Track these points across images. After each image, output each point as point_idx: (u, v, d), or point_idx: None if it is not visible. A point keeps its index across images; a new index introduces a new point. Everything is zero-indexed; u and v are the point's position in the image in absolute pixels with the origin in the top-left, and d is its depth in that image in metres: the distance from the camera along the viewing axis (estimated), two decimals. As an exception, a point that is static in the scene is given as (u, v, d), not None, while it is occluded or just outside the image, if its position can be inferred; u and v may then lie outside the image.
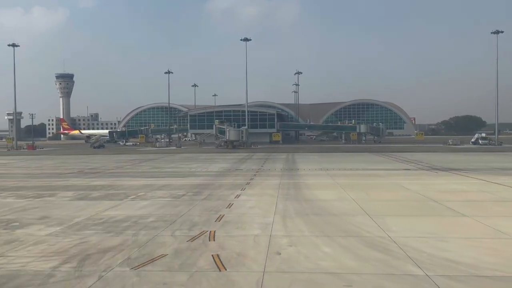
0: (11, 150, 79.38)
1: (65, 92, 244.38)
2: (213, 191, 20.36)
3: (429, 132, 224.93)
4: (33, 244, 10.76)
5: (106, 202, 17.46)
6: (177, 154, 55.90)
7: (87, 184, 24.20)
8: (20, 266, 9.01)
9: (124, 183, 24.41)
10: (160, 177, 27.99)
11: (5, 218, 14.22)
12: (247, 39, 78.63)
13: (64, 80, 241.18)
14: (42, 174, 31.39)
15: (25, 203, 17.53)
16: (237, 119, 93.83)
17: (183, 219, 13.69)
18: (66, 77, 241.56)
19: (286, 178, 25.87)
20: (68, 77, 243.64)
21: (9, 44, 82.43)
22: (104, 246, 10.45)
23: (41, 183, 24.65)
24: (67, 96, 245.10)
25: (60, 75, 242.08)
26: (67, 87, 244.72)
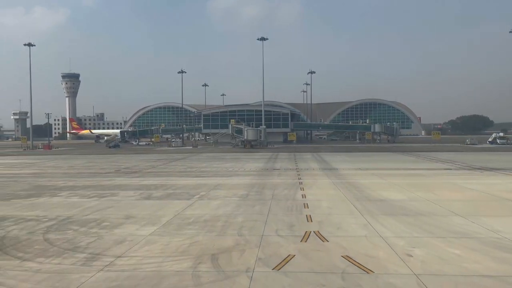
0: (27, 150, 79.30)
1: (71, 92, 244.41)
2: (273, 191, 20.19)
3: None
4: (146, 244, 10.66)
5: (176, 201, 17.33)
6: (199, 154, 55.71)
7: (139, 183, 24.07)
8: (155, 266, 8.92)
9: (175, 182, 24.26)
10: (205, 176, 27.82)
11: (91, 218, 14.11)
12: (264, 39, 78.48)
13: (70, 79, 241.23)
14: (81, 173, 31.25)
15: (94, 202, 17.42)
16: (250, 118, 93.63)
17: (272, 219, 13.54)
18: (72, 77, 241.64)
19: (334, 178, 25.69)
20: (74, 76, 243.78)
21: (25, 43, 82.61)
22: (222, 246, 10.33)
23: (90, 183, 24.54)
24: (73, 96, 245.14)
25: (66, 74, 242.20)
26: (73, 86, 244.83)
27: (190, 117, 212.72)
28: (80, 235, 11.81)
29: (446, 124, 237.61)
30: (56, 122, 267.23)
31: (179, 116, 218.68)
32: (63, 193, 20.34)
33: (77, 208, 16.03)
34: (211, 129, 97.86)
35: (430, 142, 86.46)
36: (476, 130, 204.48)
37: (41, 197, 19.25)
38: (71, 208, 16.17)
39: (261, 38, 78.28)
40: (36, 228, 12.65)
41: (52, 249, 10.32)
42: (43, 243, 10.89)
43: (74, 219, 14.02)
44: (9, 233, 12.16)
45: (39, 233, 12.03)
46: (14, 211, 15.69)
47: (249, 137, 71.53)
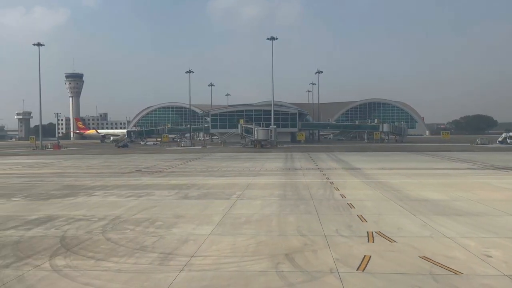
0: (36, 150, 79.22)
1: (75, 92, 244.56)
2: (308, 190, 20.05)
3: (441, 132, 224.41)
4: (213, 244, 10.58)
5: (217, 201, 17.24)
6: (212, 154, 55.60)
7: (167, 183, 23.95)
8: (235, 266, 8.82)
9: (205, 182, 24.14)
10: (230, 176, 27.70)
11: (141, 217, 14.03)
12: (274, 38, 78.36)
13: (74, 80, 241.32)
14: (103, 173, 31.10)
15: (134, 202, 17.34)
16: (258, 118, 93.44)
17: (324, 218, 13.41)
18: (76, 77, 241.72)
19: (362, 177, 25.56)
20: (78, 76, 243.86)
21: (34, 43, 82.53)
22: (290, 246, 10.24)
23: (119, 182, 24.45)
24: (76, 96, 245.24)
25: (70, 74, 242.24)
26: (76, 86, 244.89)
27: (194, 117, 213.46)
28: (140, 234, 11.72)
29: (450, 124, 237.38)
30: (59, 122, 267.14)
31: (182, 116, 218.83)
32: (97, 193, 20.25)
33: (120, 208, 15.94)
34: (219, 129, 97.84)
35: (438, 142, 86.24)
36: (480, 130, 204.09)
37: (78, 196, 19.17)
38: (115, 207, 16.08)
39: (270, 38, 78.17)
40: (92, 228, 12.57)
41: (120, 249, 10.24)
42: (108, 243, 10.81)
43: (124, 218, 13.93)
44: (66, 232, 12.08)
45: (97, 233, 11.95)
46: (58, 210, 15.60)
47: (260, 136, 71.44)
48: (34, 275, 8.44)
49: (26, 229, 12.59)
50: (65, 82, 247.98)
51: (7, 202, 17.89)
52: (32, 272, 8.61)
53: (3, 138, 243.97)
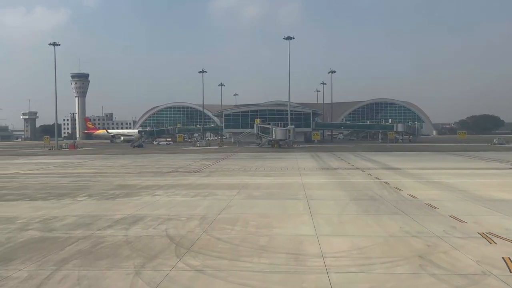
0: (52, 150, 79.15)
1: (80, 92, 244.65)
2: (371, 191, 19.77)
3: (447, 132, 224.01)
4: (332, 244, 10.39)
5: (290, 201, 17.03)
6: (236, 153, 55.42)
7: (218, 182, 23.77)
8: (387, 267, 8.63)
9: (255, 181, 23.84)
10: (275, 175, 27.44)
11: (228, 217, 13.81)
12: (290, 38, 78.15)
13: (79, 79, 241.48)
14: (143, 173, 30.90)
15: (205, 201, 17.13)
16: (272, 118, 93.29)
17: (419, 219, 13.18)
18: (82, 77, 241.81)
19: (413, 177, 25.26)
20: (84, 76, 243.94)
21: (50, 43, 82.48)
22: (416, 248, 10.04)
23: (169, 182, 24.26)
24: (82, 95, 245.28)
25: (76, 74, 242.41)
26: (82, 86, 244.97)
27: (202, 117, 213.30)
28: (246, 234, 11.51)
29: (457, 124, 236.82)
30: (65, 122, 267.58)
31: (189, 116, 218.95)
32: (158, 192, 20.06)
33: (198, 207, 15.76)
34: (232, 129, 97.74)
35: (454, 142, 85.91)
36: (487, 130, 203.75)
37: (142, 196, 19.00)
38: (191, 207, 15.90)
39: (287, 37, 77.96)
40: (190, 227, 12.38)
41: (241, 249, 10.04)
42: (222, 243, 10.60)
43: (212, 218, 13.72)
44: (168, 232, 11.90)
45: (198, 232, 11.75)
46: (137, 210, 15.40)
47: (278, 136, 71.27)
48: (180, 275, 8.27)
49: (123, 228, 12.42)
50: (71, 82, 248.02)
51: (76, 201, 17.71)
52: (176, 273, 8.43)
53: (8, 138, 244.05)
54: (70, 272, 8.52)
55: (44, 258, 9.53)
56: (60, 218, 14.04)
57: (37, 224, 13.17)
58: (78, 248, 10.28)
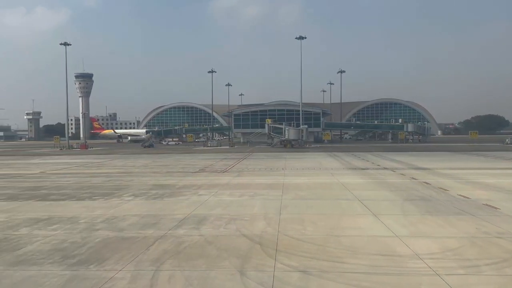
0: (64, 150, 79.04)
1: (84, 92, 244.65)
2: (418, 191, 19.65)
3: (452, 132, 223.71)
4: (430, 245, 10.23)
5: (344, 202, 16.83)
6: (254, 154, 55.19)
7: (254, 182, 23.51)
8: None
9: (291, 181, 23.63)
10: (308, 175, 27.19)
11: (290, 217, 13.61)
12: (302, 37, 78.00)
13: (84, 79, 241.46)
14: (170, 172, 30.68)
15: (256, 201, 16.90)
16: (281, 118, 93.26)
17: (492, 220, 13.03)
18: (86, 77, 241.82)
19: (449, 178, 24.96)
20: (88, 76, 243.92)
21: (61, 43, 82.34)
22: (509, 249, 9.89)
23: (203, 181, 24.07)
24: (86, 95, 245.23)
25: (80, 74, 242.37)
26: (86, 86, 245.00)
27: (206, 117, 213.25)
28: (325, 235, 11.32)
29: (461, 124, 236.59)
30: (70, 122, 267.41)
31: (193, 116, 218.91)
32: (201, 192, 19.87)
33: (252, 207, 15.60)
34: (242, 129, 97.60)
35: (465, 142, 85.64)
36: (491, 130, 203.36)
37: (188, 195, 18.84)
38: (246, 207, 15.72)
39: (299, 37, 77.85)
40: (260, 227, 12.21)
41: (332, 250, 9.88)
42: (307, 244, 10.42)
43: (275, 218, 13.55)
44: (241, 231, 11.75)
45: (273, 232, 11.57)
46: (192, 209, 15.19)
47: (291, 136, 71.09)
48: (288, 276, 8.10)
49: (193, 228, 12.25)
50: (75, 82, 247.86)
51: (125, 201, 17.52)
52: (282, 274, 8.25)
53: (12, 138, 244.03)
54: (173, 272, 8.37)
55: (136, 258, 9.38)
56: (121, 218, 13.88)
57: (103, 224, 13.02)
58: (163, 248, 10.12)
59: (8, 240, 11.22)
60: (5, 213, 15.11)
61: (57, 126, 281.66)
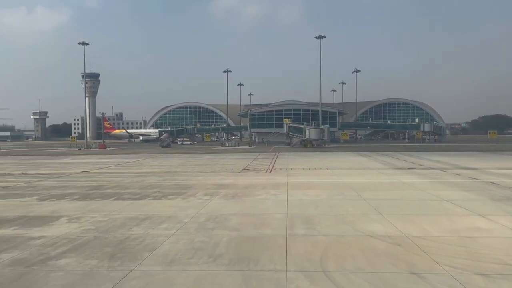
0: (82, 149, 78.90)
1: (91, 92, 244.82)
2: (489, 191, 19.44)
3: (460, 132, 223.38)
4: None
5: (433, 202, 16.64)
6: (281, 153, 55.01)
7: (316, 182, 23.29)
8: None
9: (352, 181, 23.47)
10: (360, 175, 27.00)
11: (406, 219, 13.40)
12: (322, 36, 77.79)
13: (90, 79, 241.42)
14: (216, 172, 30.47)
15: (348, 202, 16.67)
16: (297, 118, 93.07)
17: None
18: (92, 77, 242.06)
19: (509, 178, 24.86)
20: (94, 76, 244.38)
21: (79, 42, 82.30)
22: None
23: (262, 181, 23.77)
24: (93, 95, 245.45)
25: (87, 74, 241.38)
26: (93, 86, 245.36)
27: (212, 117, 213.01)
28: (453, 236, 11.10)
29: (469, 123, 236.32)
30: (76, 122, 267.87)
31: (200, 116, 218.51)
32: (273, 192, 19.53)
33: (349, 206, 15.35)
34: (258, 129, 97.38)
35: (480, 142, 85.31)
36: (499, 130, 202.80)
37: (262, 194, 18.55)
38: (341, 207, 15.43)
39: (318, 36, 77.63)
40: (383, 228, 11.99)
41: (483, 252, 9.66)
42: (447, 245, 10.20)
43: (380, 218, 13.32)
44: (363, 230, 11.53)
45: (406, 233, 11.29)
46: (288, 209, 14.97)
47: (312, 136, 70.88)
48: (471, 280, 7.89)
49: (310, 228, 11.99)
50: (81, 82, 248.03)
51: (206, 201, 17.22)
52: (456, 277, 8.05)
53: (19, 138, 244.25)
54: (351, 275, 8.12)
55: (289, 257, 9.16)
56: (225, 217, 13.62)
57: (212, 224, 12.77)
58: (307, 249, 9.86)
59: (133, 240, 10.97)
60: (97, 212, 14.88)
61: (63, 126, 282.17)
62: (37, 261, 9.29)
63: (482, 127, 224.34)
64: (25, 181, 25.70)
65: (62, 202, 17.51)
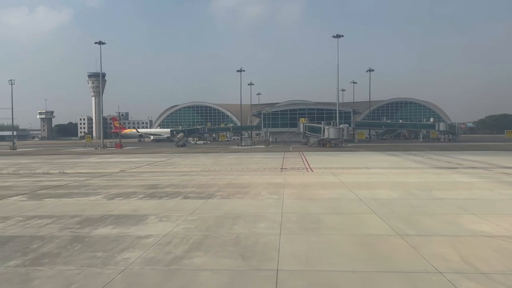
0: (98, 149, 78.81)
1: (97, 91, 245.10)
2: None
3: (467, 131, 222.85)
4: None
5: (509, 199, 16.47)
6: (306, 153, 54.85)
7: (376, 181, 23.15)
8: None
9: (404, 180, 23.31)
10: (405, 174, 26.85)
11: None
12: (339, 35, 77.46)
13: (96, 79, 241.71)
14: (255, 170, 30.26)
15: (416, 201, 16.53)
16: (311, 117, 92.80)
17: None
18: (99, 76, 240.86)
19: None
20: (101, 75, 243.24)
21: (96, 42, 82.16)
22: None
23: (313, 180, 23.71)
24: (99, 95, 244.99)
25: (93, 74, 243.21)
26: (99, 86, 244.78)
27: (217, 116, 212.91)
28: None
29: (476, 123, 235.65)
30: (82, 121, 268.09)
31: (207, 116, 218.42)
32: (337, 191, 19.47)
33: (426, 204, 15.18)
34: (272, 128, 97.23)
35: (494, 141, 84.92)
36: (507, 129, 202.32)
37: (325, 195, 18.44)
38: (416, 208, 15.26)
39: (336, 35, 77.32)
40: (471, 227, 11.83)
41: None
42: None
43: (483, 217, 13.17)
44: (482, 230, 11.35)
45: None
46: (374, 209, 14.85)
47: (331, 135, 70.60)
48: None
49: (416, 229, 11.85)
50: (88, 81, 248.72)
51: (277, 200, 17.11)
52: None
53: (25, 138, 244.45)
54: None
55: (427, 257, 8.99)
56: (317, 217, 13.43)
57: (311, 223, 12.56)
58: (438, 250, 9.66)
59: (246, 238, 10.75)
60: (180, 211, 14.66)
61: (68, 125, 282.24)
62: (170, 260, 9.11)
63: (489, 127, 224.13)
64: (71, 180, 25.56)
65: (133, 201, 17.32)
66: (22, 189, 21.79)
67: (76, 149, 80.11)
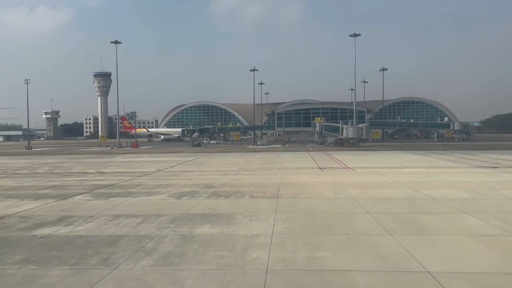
0: (114, 148, 78.73)
1: (103, 91, 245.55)
2: None
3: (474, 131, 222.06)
4: None
5: None
6: (326, 152, 54.71)
7: (434, 180, 22.97)
8: None
9: (456, 180, 23.17)
10: (453, 174, 26.70)
11: None
12: (356, 35, 77.26)
13: (102, 78, 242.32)
14: (293, 168, 30.16)
15: (492, 201, 16.35)
16: (326, 116, 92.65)
17: None
18: (104, 76, 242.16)
19: None
20: (106, 75, 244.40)
21: (111, 41, 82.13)
22: None
23: (364, 180, 23.56)
24: (105, 94, 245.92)
25: (99, 73, 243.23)
26: (105, 85, 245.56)
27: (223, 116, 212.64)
28: None
29: (483, 122, 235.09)
30: (88, 121, 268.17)
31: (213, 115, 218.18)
32: (402, 192, 19.28)
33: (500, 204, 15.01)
34: (285, 127, 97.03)
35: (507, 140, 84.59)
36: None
37: (392, 194, 18.25)
38: (498, 207, 15.14)
39: (353, 35, 77.12)
40: None
41: None
42: None
43: None
44: None
45: None
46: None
47: (350, 135, 70.38)
48: None
49: None
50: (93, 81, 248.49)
51: (337, 200, 16.96)
52: None
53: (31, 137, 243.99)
54: None
55: None
56: (410, 216, 13.28)
57: (411, 223, 12.44)
58: None
59: (357, 236, 10.62)
60: (263, 212, 14.49)
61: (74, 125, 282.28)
62: (303, 260, 8.92)
63: (495, 126, 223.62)
64: (118, 180, 25.34)
65: (203, 200, 17.12)
66: (77, 188, 21.64)
67: (92, 148, 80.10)
